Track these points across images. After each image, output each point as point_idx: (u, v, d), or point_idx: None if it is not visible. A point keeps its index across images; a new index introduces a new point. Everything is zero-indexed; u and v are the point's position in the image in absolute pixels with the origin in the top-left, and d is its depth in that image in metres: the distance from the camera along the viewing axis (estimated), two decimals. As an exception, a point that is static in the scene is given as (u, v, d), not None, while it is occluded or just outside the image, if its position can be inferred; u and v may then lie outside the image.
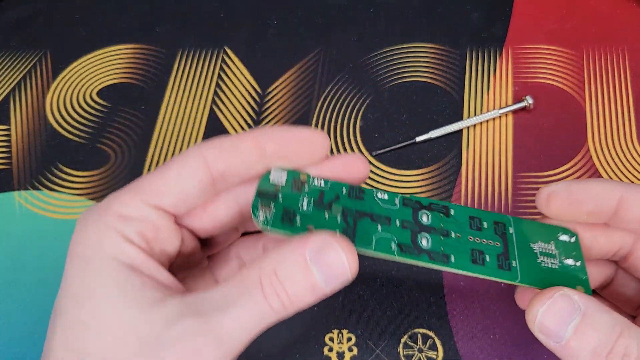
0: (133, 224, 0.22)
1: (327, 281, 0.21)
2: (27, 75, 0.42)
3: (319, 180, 0.24)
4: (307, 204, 0.23)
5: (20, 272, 0.34)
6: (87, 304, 0.21)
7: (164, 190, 0.23)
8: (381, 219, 0.23)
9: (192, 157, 0.23)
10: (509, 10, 0.41)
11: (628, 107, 0.36)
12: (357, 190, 0.24)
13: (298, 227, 0.22)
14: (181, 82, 0.41)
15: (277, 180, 0.23)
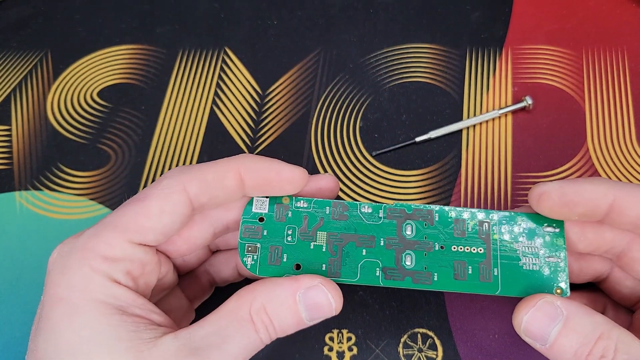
0: (120, 265, 0.22)
1: (311, 318, 0.22)
2: (28, 76, 0.42)
3: (302, 202, 0.24)
4: (292, 235, 0.23)
5: (21, 272, 0.34)
6: (81, 354, 0.20)
7: (148, 227, 0.23)
8: (366, 240, 0.23)
9: (175, 192, 0.23)
10: (509, 10, 0.42)
11: (627, 107, 0.36)
12: (340, 207, 0.24)
13: (285, 267, 0.23)
14: (181, 83, 0.41)
15: (260, 208, 0.24)
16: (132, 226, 0.22)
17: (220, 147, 0.38)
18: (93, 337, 0.20)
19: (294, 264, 0.23)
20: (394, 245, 0.23)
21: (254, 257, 0.23)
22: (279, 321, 0.22)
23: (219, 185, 0.23)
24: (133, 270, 0.23)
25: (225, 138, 0.38)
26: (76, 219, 0.36)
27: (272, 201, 0.24)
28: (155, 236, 0.23)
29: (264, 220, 0.24)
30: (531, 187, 0.34)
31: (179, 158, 0.38)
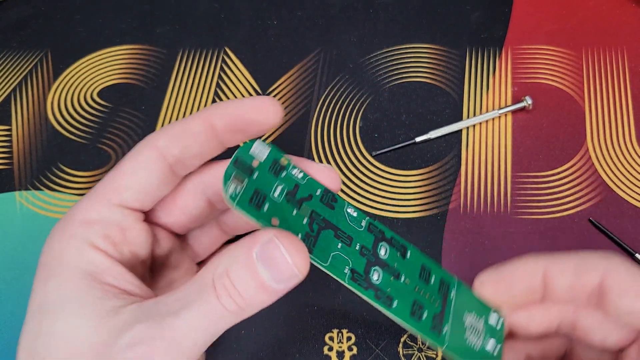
0: (96, 228, 0.22)
1: (276, 280, 0.20)
2: (28, 76, 0.42)
3: (298, 172, 0.23)
4: (280, 193, 0.22)
5: (21, 272, 0.34)
6: (48, 314, 0.21)
7: (122, 185, 0.23)
8: (344, 236, 0.23)
9: (144, 148, 0.23)
10: (509, 10, 0.42)
11: (627, 107, 0.36)
12: (330, 197, 0.23)
13: (263, 215, 0.21)
14: (181, 83, 0.41)
15: (258, 153, 0.23)
16: (109, 188, 0.23)
17: (221, 147, 0.38)
18: (59, 300, 0.21)
19: (272, 217, 0.22)
20: (367, 256, 0.23)
21: (237, 189, 0.21)
22: (240, 285, 0.20)
23: (186, 134, 0.23)
24: (112, 235, 0.22)
25: (226, 138, 0.38)
26: (76, 218, 0.36)
27: (271, 154, 0.23)
28: (131, 194, 0.23)
29: (257, 165, 0.22)
30: (530, 186, 0.34)
31: (179, 158, 0.38)
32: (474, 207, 0.34)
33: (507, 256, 0.32)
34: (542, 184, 0.34)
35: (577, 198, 0.34)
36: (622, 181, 0.34)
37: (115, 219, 0.23)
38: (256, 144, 0.23)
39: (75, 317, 0.21)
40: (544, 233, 0.33)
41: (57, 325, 0.21)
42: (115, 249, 0.23)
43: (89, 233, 0.22)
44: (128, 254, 0.23)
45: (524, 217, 0.33)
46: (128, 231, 0.23)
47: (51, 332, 0.21)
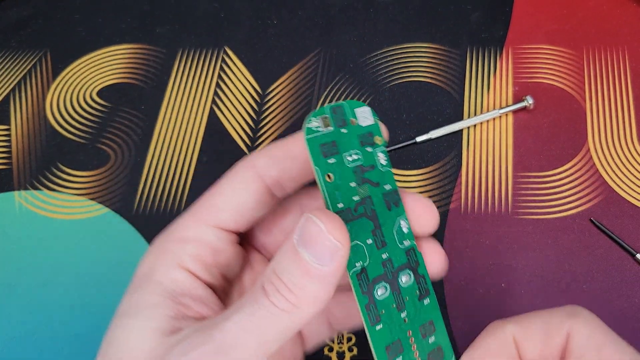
0: (189, 247, 0.22)
1: (318, 259, 0.19)
2: (27, 75, 0.42)
3: (383, 157, 0.22)
4: (353, 161, 0.21)
5: (20, 272, 0.34)
6: (122, 322, 0.21)
7: (219, 206, 0.22)
8: (379, 238, 0.21)
9: (242, 168, 0.23)
10: (509, 10, 0.41)
11: (628, 106, 0.36)
12: (394, 200, 0.22)
13: (324, 163, 0.21)
14: (181, 82, 0.41)
15: (360, 116, 0.22)
16: (206, 208, 0.23)
17: (220, 147, 0.38)
18: (135, 311, 0.21)
19: (330, 172, 0.21)
20: (387, 270, 0.21)
21: (319, 127, 0.21)
22: (287, 277, 0.19)
23: (286, 155, 0.23)
24: (204, 256, 0.22)
25: (225, 138, 0.38)
26: (76, 219, 0.36)
27: (370, 126, 0.22)
28: (227, 215, 0.22)
29: (353, 125, 0.22)
30: (531, 186, 0.34)
31: (179, 158, 0.38)
32: (475, 207, 0.34)
33: (507, 256, 0.32)
34: (543, 183, 0.34)
35: (578, 198, 0.34)
36: (623, 181, 0.34)
37: (208, 240, 0.22)
38: (365, 108, 0.22)
39: (143, 330, 0.21)
40: (545, 233, 0.32)
41: (126, 334, 0.21)
42: (205, 270, 0.22)
43: (181, 251, 0.22)
44: (218, 275, 0.23)
45: (525, 217, 0.33)
46: (220, 253, 0.23)
47: (121, 338, 0.21)
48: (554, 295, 0.31)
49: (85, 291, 0.33)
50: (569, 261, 0.32)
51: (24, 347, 0.32)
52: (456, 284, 0.32)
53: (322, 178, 0.21)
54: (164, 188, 0.37)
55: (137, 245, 0.35)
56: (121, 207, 0.36)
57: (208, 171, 0.37)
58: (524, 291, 0.31)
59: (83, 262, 0.34)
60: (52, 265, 0.34)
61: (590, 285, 0.31)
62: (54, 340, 0.32)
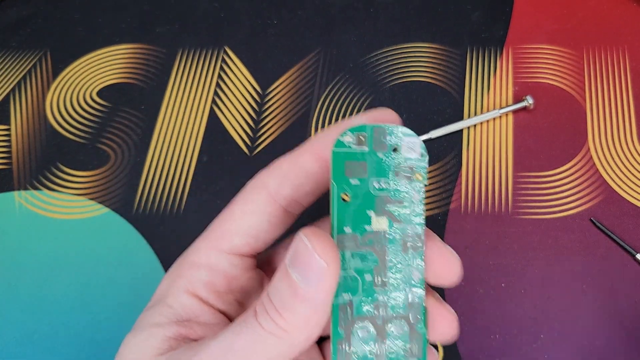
0: (201, 273, 0.22)
1: (305, 279, 0.18)
2: (27, 75, 0.42)
3: (418, 197, 0.20)
4: (379, 188, 0.20)
5: (20, 272, 0.34)
6: (127, 339, 0.21)
7: (232, 230, 0.22)
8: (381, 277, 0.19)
9: (254, 191, 0.22)
10: (509, 10, 0.41)
11: (628, 106, 0.36)
12: (415, 241, 0.20)
13: (345, 181, 0.19)
14: (181, 82, 0.41)
15: (407, 144, 0.20)
16: (219, 233, 0.22)
17: (220, 146, 0.38)
18: (143, 326, 0.21)
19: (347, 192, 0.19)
20: (376, 315, 0.19)
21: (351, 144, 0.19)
22: (277, 298, 0.18)
23: (296, 170, 0.21)
24: (216, 283, 0.22)
25: (225, 138, 0.38)
26: (76, 218, 0.36)
27: (416, 159, 0.20)
28: (241, 239, 0.22)
29: (394, 151, 0.20)
30: (532, 186, 0.34)
31: (179, 158, 0.38)
32: (475, 207, 0.34)
33: (507, 256, 0.32)
34: (543, 183, 0.34)
35: (578, 198, 0.33)
36: (623, 181, 0.34)
37: (222, 267, 0.22)
38: (415, 139, 0.20)
39: (141, 347, 0.21)
40: (545, 233, 0.32)
41: (127, 350, 0.21)
42: (217, 298, 0.22)
43: (194, 277, 0.22)
44: (232, 302, 0.22)
45: (525, 217, 0.33)
46: (235, 280, 0.22)
47: (122, 354, 0.21)
48: (553, 295, 0.31)
49: (85, 291, 0.33)
50: (569, 261, 0.32)
51: (24, 347, 0.32)
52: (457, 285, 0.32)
53: (336, 195, 0.19)
54: (164, 188, 0.37)
55: (137, 245, 0.35)
56: (121, 207, 0.36)
57: (208, 171, 0.37)
58: (524, 291, 0.31)
59: (83, 262, 0.34)
60: (52, 265, 0.34)
61: (590, 285, 0.31)
62: (54, 340, 0.32)
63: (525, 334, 0.30)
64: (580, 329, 0.30)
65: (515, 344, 0.30)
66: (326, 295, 0.18)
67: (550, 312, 0.30)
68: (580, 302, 0.31)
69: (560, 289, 0.31)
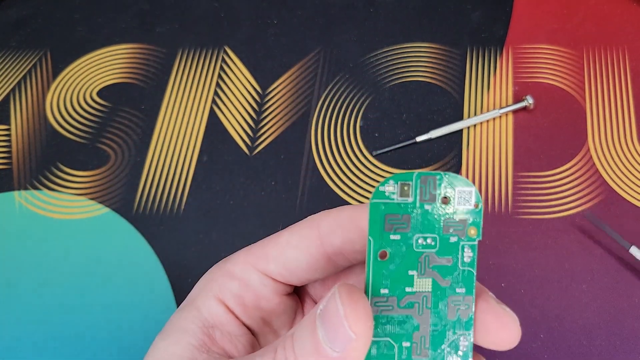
0: (232, 284, 0.22)
1: (330, 341, 0.17)
2: (27, 75, 0.42)
3: (470, 255, 0.18)
4: (423, 247, 0.18)
5: (20, 272, 0.34)
6: (156, 341, 0.21)
7: (271, 256, 0.21)
8: (421, 345, 0.18)
9: (306, 226, 0.21)
10: (509, 10, 0.41)
11: (628, 106, 0.36)
12: (463, 308, 0.18)
13: (383, 236, 0.18)
14: (181, 82, 0.41)
15: (459, 196, 0.18)
16: (260, 252, 0.22)
17: (220, 146, 0.38)
18: (171, 330, 0.21)
19: (387, 248, 0.18)
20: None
21: (392, 195, 0.17)
22: (299, 346, 0.17)
23: (353, 226, 0.20)
24: (244, 297, 0.22)
25: (225, 138, 0.38)
26: (76, 218, 0.36)
27: (469, 213, 0.18)
28: (276, 267, 0.21)
29: (443, 203, 0.18)
30: (531, 186, 0.34)
31: (179, 158, 0.38)
32: (475, 207, 0.34)
33: (507, 256, 0.32)
34: (543, 183, 0.34)
35: (578, 198, 0.34)
36: (623, 181, 0.34)
37: (253, 284, 0.22)
38: (469, 189, 0.18)
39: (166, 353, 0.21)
40: (545, 233, 0.32)
41: (154, 353, 0.21)
42: (244, 311, 0.22)
43: (225, 286, 0.22)
44: (258, 320, 0.22)
45: (525, 217, 0.33)
46: (264, 299, 0.22)
47: (154, 352, 0.21)
48: (553, 295, 0.31)
49: (85, 291, 0.33)
50: (568, 261, 0.32)
51: (24, 347, 0.32)
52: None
53: (372, 252, 0.18)
54: (164, 188, 0.37)
55: (137, 245, 0.35)
56: (121, 207, 0.36)
57: (208, 171, 0.37)
58: (523, 291, 0.31)
59: (83, 261, 0.34)
60: (52, 265, 0.34)
61: (590, 285, 0.31)
62: (54, 340, 0.32)
63: (524, 334, 0.30)
64: (580, 329, 0.30)
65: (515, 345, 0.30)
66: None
67: (549, 312, 0.30)
68: (580, 302, 0.31)
69: (559, 289, 0.31)
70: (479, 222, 0.18)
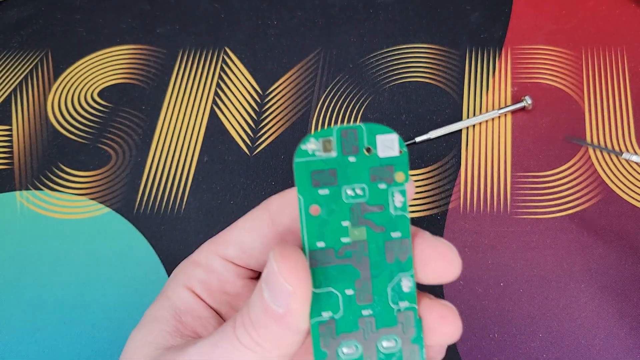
0: (198, 271, 0.23)
1: (274, 299, 0.17)
2: (29, 76, 0.42)
3: (400, 199, 0.18)
4: (352, 196, 0.18)
5: (21, 272, 0.34)
6: (132, 333, 0.23)
7: (229, 240, 0.23)
8: (365, 291, 0.18)
9: (259, 209, 0.22)
10: (508, 10, 0.42)
11: (627, 107, 0.36)
12: (402, 251, 0.18)
13: (311, 193, 0.18)
14: (182, 83, 0.41)
15: (382, 143, 0.18)
16: (220, 239, 0.23)
17: (221, 146, 0.38)
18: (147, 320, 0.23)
19: (316, 204, 0.18)
20: (363, 329, 0.18)
21: (315, 152, 0.18)
22: (253, 312, 0.18)
23: None
24: (210, 282, 0.23)
25: (226, 138, 0.38)
26: (77, 218, 0.36)
27: (393, 159, 0.18)
28: (235, 251, 0.23)
29: (367, 154, 0.18)
30: (530, 186, 0.34)
31: (180, 158, 0.38)
32: (474, 207, 0.34)
33: (506, 256, 0.32)
34: (542, 183, 0.34)
35: (577, 198, 0.34)
36: (621, 181, 0.34)
37: (216, 270, 0.23)
38: (391, 136, 0.18)
39: (140, 343, 0.22)
40: (544, 233, 0.33)
41: (129, 344, 0.22)
42: (210, 295, 0.23)
43: (191, 273, 0.23)
44: (225, 303, 0.23)
45: (524, 217, 0.33)
46: (228, 284, 0.23)
47: (125, 348, 0.22)
48: (552, 294, 0.31)
49: (86, 291, 0.34)
50: (567, 261, 0.32)
51: (24, 347, 0.32)
52: (454, 284, 0.32)
53: (303, 209, 0.18)
54: (165, 188, 0.37)
55: (138, 245, 0.35)
56: (122, 206, 0.36)
57: (208, 171, 0.37)
58: (522, 290, 0.31)
59: (84, 261, 0.34)
60: (53, 265, 0.34)
61: (588, 285, 0.31)
62: (55, 339, 0.32)
63: (523, 334, 0.30)
64: (578, 328, 0.30)
65: (513, 344, 0.30)
66: (295, 318, 0.17)
67: (548, 311, 0.31)
68: (579, 302, 0.31)
69: (558, 288, 0.31)
70: (405, 167, 0.18)
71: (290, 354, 0.18)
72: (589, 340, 0.30)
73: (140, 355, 0.21)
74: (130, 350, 0.22)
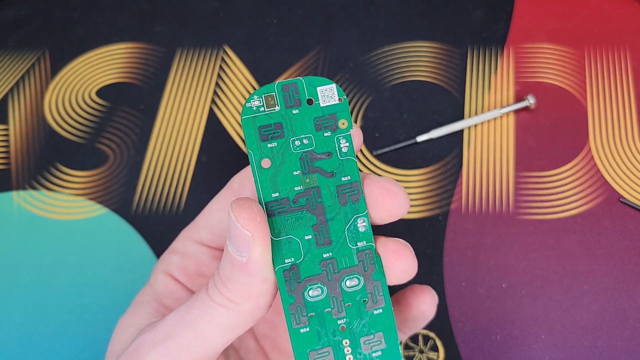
0: (176, 258, 0.25)
1: (237, 250, 0.18)
2: (26, 75, 0.42)
3: (345, 143, 0.19)
4: (300, 146, 0.19)
5: (19, 273, 0.34)
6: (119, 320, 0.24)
7: (201, 225, 0.24)
8: (323, 234, 0.19)
9: (224, 191, 0.24)
10: (510, 9, 0.41)
11: (630, 106, 0.36)
12: (352, 193, 0.19)
13: (260, 147, 0.19)
14: (180, 82, 0.41)
15: (322, 93, 0.19)
16: (194, 225, 0.25)
17: (220, 146, 0.38)
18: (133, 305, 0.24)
19: (267, 157, 0.19)
20: (326, 270, 0.19)
21: (260, 108, 0.19)
22: (222, 270, 0.19)
23: None
24: (187, 266, 0.24)
25: (225, 138, 0.38)
26: (74, 219, 0.36)
27: (333, 107, 0.19)
28: (206, 234, 0.24)
29: (309, 105, 0.19)
30: (533, 186, 0.34)
31: (178, 157, 0.37)
32: (476, 207, 0.34)
33: (508, 257, 0.32)
34: (545, 183, 0.34)
35: (580, 198, 0.33)
36: (624, 181, 0.34)
37: (192, 254, 0.24)
38: (329, 86, 0.19)
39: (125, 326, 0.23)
40: (546, 233, 0.32)
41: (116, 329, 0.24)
42: (188, 279, 0.24)
43: (170, 260, 0.25)
44: (203, 284, 0.24)
45: (526, 218, 0.33)
46: (204, 266, 0.24)
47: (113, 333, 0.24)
48: (555, 295, 0.31)
49: (84, 291, 0.33)
50: (570, 261, 0.32)
51: (23, 348, 0.32)
52: (457, 284, 0.31)
53: (255, 163, 0.19)
54: (163, 188, 0.36)
55: (136, 245, 0.35)
56: (120, 207, 0.36)
57: (207, 171, 0.37)
58: (524, 291, 0.31)
59: (82, 262, 0.34)
60: (51, 265, 0.34)
61: (591, 286, 0.31)
62: (53, 340, 0.32)
63: (526, 335, 0.30)
64: (581, 329, 0.30)
65: (516, 345, 0.30)
66: (258, 264, 0.18)
67: (551, 312, 0.30)
68: (582, 303, 0.30)
69: (561, 289, 0.31)
70: (347, 113, 0.19)
71: (262, 306, 0.19)
72: (592, 342, 0.29)
73: (126, 334, 0.23)
74: (118, 332, 0.23)
